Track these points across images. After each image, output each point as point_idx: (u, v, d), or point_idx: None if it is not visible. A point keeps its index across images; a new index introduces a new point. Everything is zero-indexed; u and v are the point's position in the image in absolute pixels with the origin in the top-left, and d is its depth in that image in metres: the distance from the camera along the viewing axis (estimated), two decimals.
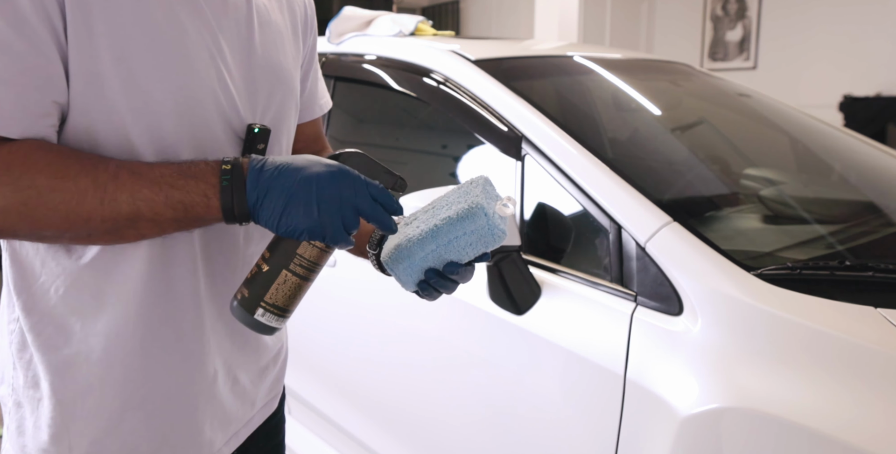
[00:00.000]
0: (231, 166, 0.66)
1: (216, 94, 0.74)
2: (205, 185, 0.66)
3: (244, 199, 0.66)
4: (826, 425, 0.87)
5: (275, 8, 0.85)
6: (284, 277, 0.68)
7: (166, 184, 0.65)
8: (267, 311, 0.69)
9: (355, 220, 0.67)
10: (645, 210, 1.16)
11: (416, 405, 1.46)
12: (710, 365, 0.99)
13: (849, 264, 1.10)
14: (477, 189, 0.74)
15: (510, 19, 7.49)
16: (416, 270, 0.75)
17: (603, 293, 1.15)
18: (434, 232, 0.72)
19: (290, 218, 0.65)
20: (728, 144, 1.78)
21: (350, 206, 0.66)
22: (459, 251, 0.73)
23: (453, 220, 0.71)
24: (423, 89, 1.62)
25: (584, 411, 1.13)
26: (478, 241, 0.72)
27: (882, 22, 5.34)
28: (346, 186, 0.66)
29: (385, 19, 1.96)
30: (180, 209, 0.65)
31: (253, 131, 0.78)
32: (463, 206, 0.71)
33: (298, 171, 0.66)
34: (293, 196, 0.65)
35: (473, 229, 0.71)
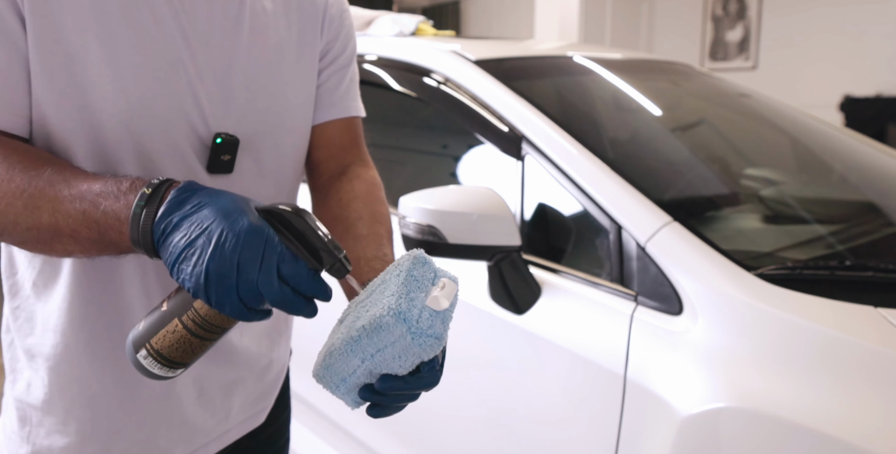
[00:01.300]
0: (153, 190, 0.57)
1: (181, 99, 0.70)
2: (120, 207, 0.57)
3: (150, 233, 0.55)
4: (826, 425, 0.87)
5: (279, 11, 0.81)
6: (175, 327, 0.57)
7: (87, 200, 0.58)
8: (150, 356, 0.58)
9: (254, 297, 0.54)
10: (645, 210, 1.16)
11: (416, 404, 1.46)
12: (711, 365, 0.99)
13: (849, 264, 1.10)
14: (397, 280, 0.57)
15: (510, 19, 7.49)
16: (349, 389, 0.60)
17: (603, 293, 1.15)
18: (351, 345, 0.57)
19: (181, 268, 0.54)
20: (728, 144, 1.78)
21: (246, 280, 0.53)
22: (389, 365, 0.57)
23: (368, 331, 0.56)
24: (424, 89, 1.62)
25: (584, 411, 1.13)
26: (405, 353, 0.56)
27: (882, 22, 5.34)
28: (249, 255, 0.53)
29: (385, 19, 1.96)
30: (95, 230, 0.58)
31: (215, 141, 0.73)
32: (375, 312, 0.56)
33: (213, 216, 0.54)
34: (191, 244, 0.53)
35: (393, 341, 0.55)
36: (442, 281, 0.57)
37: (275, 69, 0.80)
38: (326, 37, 0.88)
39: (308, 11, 0.85)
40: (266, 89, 0.78)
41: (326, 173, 0.91)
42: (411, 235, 1.15)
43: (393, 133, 1.95)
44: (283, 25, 0.81)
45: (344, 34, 0.90)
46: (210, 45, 0.73)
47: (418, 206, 1.13)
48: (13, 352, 0.80)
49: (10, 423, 0.80)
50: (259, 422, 0.95)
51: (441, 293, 0.56)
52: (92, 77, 0.65)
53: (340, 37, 0.90)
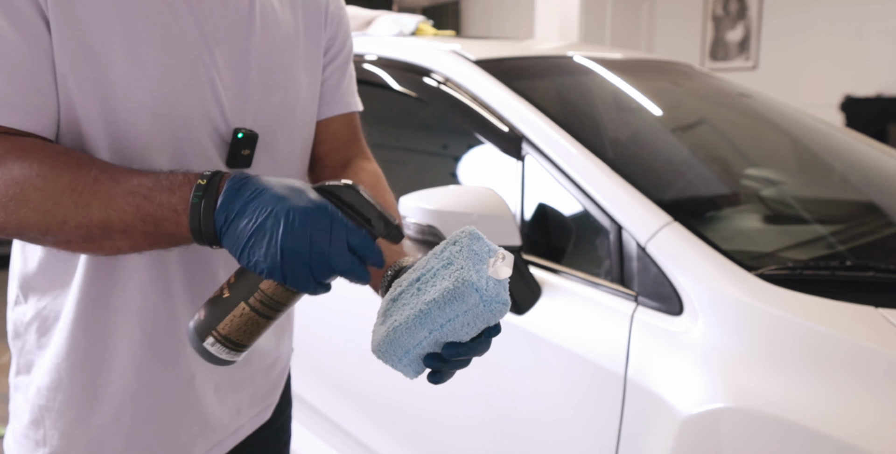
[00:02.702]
0: (207, 181, 0.59)
1: (202, 96, 0.71)
2: (177, 200, 0.59)
3: (211, 220, 0.58)
4: (826, 425, 0.87)
5: (285, 7, 0.82)
6: (242, 310, 0.61)
7: (140, 194, 0.60)
8: (218, 342, 0.62)
9: (326, 270, 0.57)
10: (645, 210, 1.16)
11: (416, 405, 1.46)
12: (711, 365, 0.99)
13: (849, 264, 1.10)
14: (461, 255, 0.61)
15: (511, 19, 7.49)
16: (412, 360, 0.63)
17: (603, 293, 1.15)
18: (420, 318, 0.60)
19: (252, 251, 0.57)
20: (729, 144, 1.78)
21: (319, 253, 0.56)
22: (457, 333, 0.60)
23: (440, 302, 0.59)
24: (424, 89, 1.62)
25: (584, 411, 1.13)
26: (476, 320, 0.59)
27: (883, 22, 5.33)
28: (319, 230, 0.56)
29: (385, 19, 1.96)
30: (150, 223, 0.60)
31: (237, 136, 0.74)
32: (448, 285, 0.59)
33: (275, 199, 0.57)
34: (260, 227, 0.56)
35: (466, 309, 0.58)
36: (500, 252, 0.62)
37: (286, 64, 0.81)
38: (328, 33, 0.89)
39: (311, 9, 0.86)
40: (279, 84, 0.80)
41: (330, 166, 0.93)
42: (411, 235, 1.15)
43: (393, 133, 1.94)
44: (291, 22, 0.82)
45: (343, 31, 0.92)
46: (225, 42, 0.74)
47: (418, 206, 1.13)
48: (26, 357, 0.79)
49: (21, 428, 0.79)
50: (266, 417, 0.96)
51: (501, 263, 0.60)
52: (118, 76, 0.66)
53: (340, 34, 0.91)
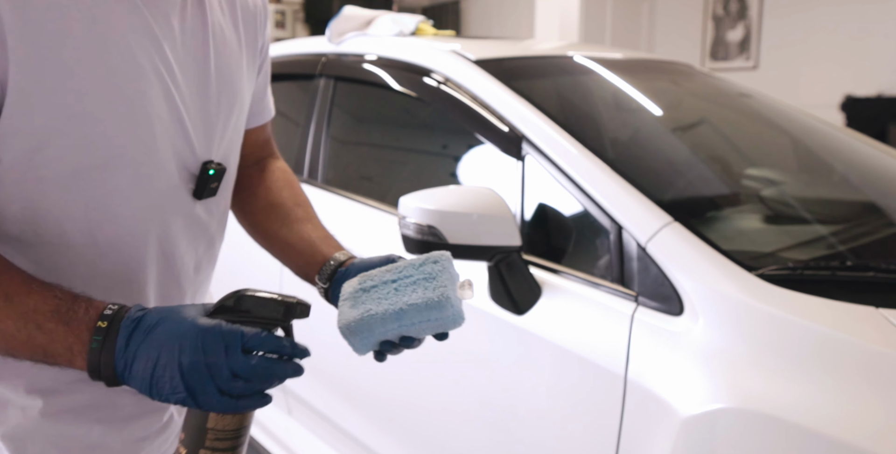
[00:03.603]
0: (108, 323, 0.60)
1: (173, 140, 0.73)
2: (73, 339, 0.59)
3: (111, 365, 0.59)
4: (827, 426, 0.87)
5: (229, 25, 0.81)
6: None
7: (33, 322, 0.59)
8: None
9: (232, 384, 0.59)
10: (646, 210, 1.16)
11: (415, 405, 1.46)
12: (711, 365, 0.99)
13: (850, 264, 1.10)
14: (444, 274, 0.73)
15: (511, 19, 7.48)
16: (372, 343, 0.75)
17: (603, 293, 1.15)
18: (399, 314, 0.71)
19: (159, 389, 0.59)
20: (729, 144, 1.78)
21: (222, 370, 0.59)
22: (420, 332, 0.74)
23: (420, 307, 0.71)
24: (424, 89, 1.62)
25: (584, 412, 1.12)
26: (440, 326, 0.73)
27: (884, 21, 5.33)
28: (211, 351, 0.59)
29: (385, 19, 1.96)
30: (40, 353, 0.60)
31: (208, 173, 0.77)
32: (431, 296, 0.71)
33: (164, 334, 0.59)
34: (157, 366, 0.59)
35: (438, 317, 0.71)
36: (466, 280, 0.74)
37: (237, 90, 0.82)
38: (263, 44, 0.90)
39: (249, 21, 0.85)
40: (232, 111, 0.81)
41: (244, 167, 0.96)
42: (411, 235, 1.15)
43: (393, 133, 1.94)
44: (236, 42, 0.82)
45: (267, 38, 0.91)
46: (189, 75, 0.74)
47: (418, 206, 1.13)
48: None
49: None
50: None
51: (468, 288, 0.74)
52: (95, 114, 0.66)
53: (266, 42, 0.91)
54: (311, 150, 1.86)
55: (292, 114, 2.11)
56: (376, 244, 1.55)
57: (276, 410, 1.97)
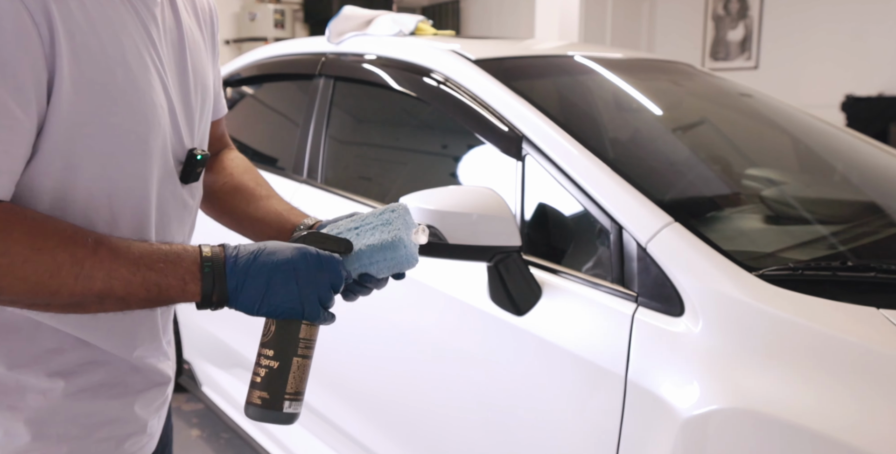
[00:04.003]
0: (212, 253, 0.72)
1: (167, 133, 0.80)
2: (184, 271, 0.70)
3: (224, 286, 0.71)
4: (827, 426, 0.87)
5: (194, 25, 0.89)
6: (297, 365, 0.75)
7: (144, 265, 0.68)
8: (293, 401, 0.75)
9: (331, 296, 0.74)
10: (646, 210, 1.15)
11: (415, 406, 1.45)
12: (712, 366, 0.99)
13: (851, 265, 1.10)
14: (399, 221, 0.84)
15: (511, 19, 7.48)
16: None
17: (604, 294, 1.15)
18: (358, 255, 0.83)
19: (271, 299, 0.71)
20: (730, 144, 1.78)
21: (326, 283, 0.74)
22: (377, 270, 0.84)
23: (376, 247, 0.82)
24: (424, 89, 1.61)
25: (584, 412, 1.12)
26: (395, 266, 0.84)
27: (884, 21, 5.32)
28: (321, 268, 0.73)
29: (385, 19, 1.95)
30: (154, 290, 0.69)
31: (196, 158, 0.85)
32: (386, 238, 0.82)
33: (274, 255, 0.72)
34: (273, 279, 0.71)
35: (392, 257, 0.82)
36: (421, 226, 0.86)
37: (207, 85, 0.91)
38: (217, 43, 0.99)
39: (207, 25, 0.94)
40: (205, 103, 0.90)
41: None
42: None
43: (393, 133, 1.94)
44: (202, 41, 0.91)
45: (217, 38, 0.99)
46: (174, 70, 0.82)
47: (418, 206, 1.12)
48: None
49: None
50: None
51: (421, 233, 0.85)
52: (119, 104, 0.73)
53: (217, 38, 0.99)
54: (311, 149, 1.86)
55: (292, 113, 2.11)
56: None
57: None
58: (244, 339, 2.01)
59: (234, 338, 2.08)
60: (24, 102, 0.66)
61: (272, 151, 2.20)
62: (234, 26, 6.89)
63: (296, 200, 1.82)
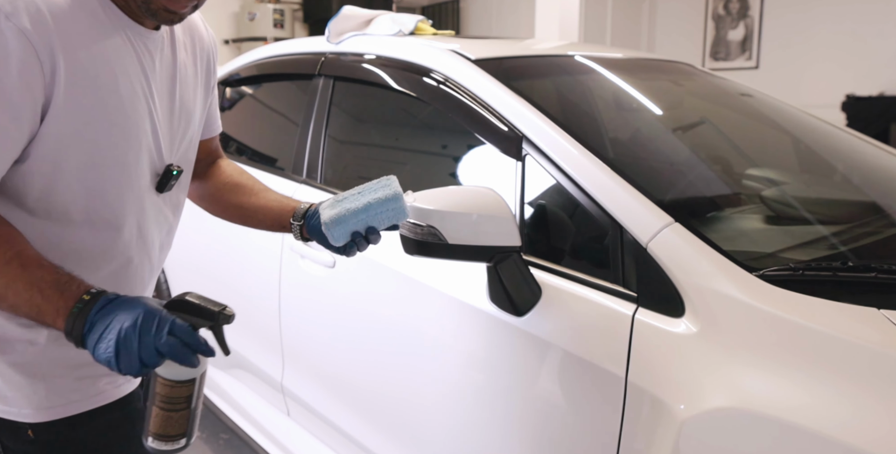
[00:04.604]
0: (91, 297, 0.81)
1: (150, 148, 0.96)
2: (62, 304, 0.80)
3: (81, 328, 0.79)
4: (828, 427, 0.87)
5: (190, 62, 1.05)
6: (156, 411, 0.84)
7: (37, 287, 0.80)
8: (154, 439, 0.85)
9: (154, 359, 0.79)
10: (646, 210, 1.15)
11: (414, 406, 1.45)
12: (712, 366, 0.99)
13: (851, 265, 1.09)
14: (394, 183, 1.04)
15: (510, 19, 7.48)
16: (347, 232, 1.03)
17: (604, 294, 1.15)
18: (366, 207, 1.01)
19: (99, 348, 0.78)
20: (730, 144, 1.78)
21: (148, 346, 0.78)
22: (380, 221, 1.02)
23: (381, 200, 1.01)
24: (423, 89, 1.61)
25: (584, 413, 1.12)
26: (393, 216, 1.02)
27: (885, 21, 5.32)
28: (147, 327, 0.78)
29: (385, 18, 1.95)
30: (34, 311, 0.81)
31: (171, 172, 1.01)
32: (389, 192, 1.02)
33: (116, 313, 0.79)
34: (106, 329, 0.79)
35: (394, 207, 1.01)
36: (409, 191, 1.09)
37: (191, 113, 1.07)
38: (214, 75, 1.15)
39: (204, 61, 1.10)
40: (189, 125, 1.07)
41: (203, 165, 1.24)
42: (410, 236, 1.14)
43: (392, 133, 1.94)
44: (193, 76, 1.07)
45: (216, 69, 1.16)
46: (163, 99, 0.99)
47: (418, 206, 1.12)
48: None
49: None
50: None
51: (410, 195, 1.08)
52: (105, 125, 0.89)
53: (216, 72, 1.16)
54: (311, 149, 1.85)
55: (291, 113, 2.11)
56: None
57: (275, 411, 1.97)
58: (243, 340, 2.01)
59: (233, 339, 2.07)
60: (19, 123, 0.82)
61: (272, 151, 2.20)
62: (234, 26, 6.88)
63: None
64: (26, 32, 0.80)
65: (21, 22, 0.80)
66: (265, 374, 1.93)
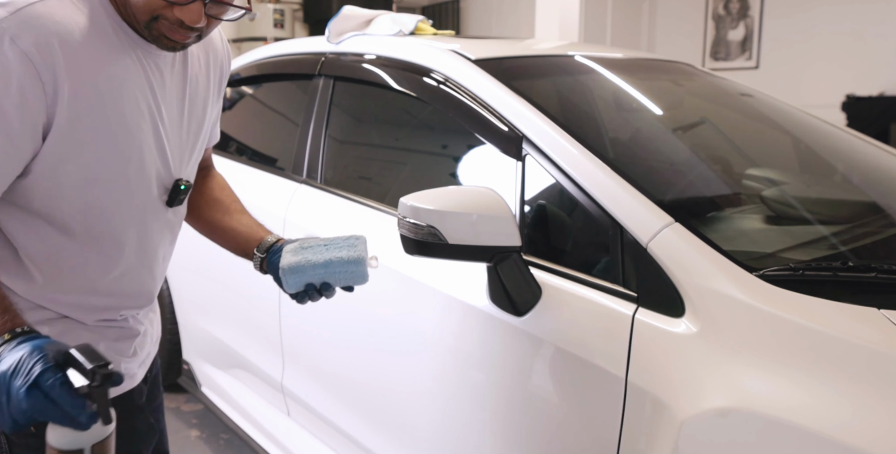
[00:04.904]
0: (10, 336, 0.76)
1: (156, 163, 0.98)
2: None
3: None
4: (828, 427, 0.87)
5: (203, 74, 1.06)
6: None
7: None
8: None
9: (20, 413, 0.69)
10: (646, 210, 1.15)
11: (414, 406, 1.45)
12: (712, 366, 0.98)
13: (851, 265, 1.09)
14: (361, 246, 1.06)
15: (511, 19, 7.48)
16: (301, 283, 1.04)
17: (604, 294, 1.15)
18: (327, 263, 1.03)
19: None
20: (730, 144, 1.77)
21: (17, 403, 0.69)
22: (336, 280, 1.04)
23: (344, 261, 1.03)
24: (423, 89, 1.61)
25: (585, 413, 1.12)
26: (352, 279, 1.05)
27: (885, 21, 5.32)
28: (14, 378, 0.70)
29: (385, 18, 1.95)
30: None
31: (180, 187, 1.02)
32: (353, 255, 1.04)
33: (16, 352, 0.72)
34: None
35: (353, 271, 1.03)
36: (374, 255, 1.08)
37: (201, 125, 1.08)
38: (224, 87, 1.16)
39: (217, 73, 1.11)
40: (197, 139, 1.08)
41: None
42: (410, 236, 1.14)
43: (392, 133, 1.94)
44: (205, 88, 1.08)
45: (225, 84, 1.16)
46: (171, 114, 1.00)
47: (418, 206, 1.12)
48: None
49: None
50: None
51: (374, 261, 1.07)
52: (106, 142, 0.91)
53: (224, 88, 1.17)
54: (311, 149, 1.85)
55: (291, 113, 2.11)
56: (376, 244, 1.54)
57: (275, 411, 1.97)
58: (244, 340, 2.01)
59: (233, 339, 2.07)
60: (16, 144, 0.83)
61: (272, 151, 2.20)
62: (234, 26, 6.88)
63: (295, 200, 1.81)
64: (30, 55, 0.81)
65: (25, 44, 0.81)
66: (265, 374, 1.92)
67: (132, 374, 1.10)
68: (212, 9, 0.90)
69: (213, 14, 0.91)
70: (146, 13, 0.88)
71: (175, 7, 0.87)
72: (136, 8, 0.89)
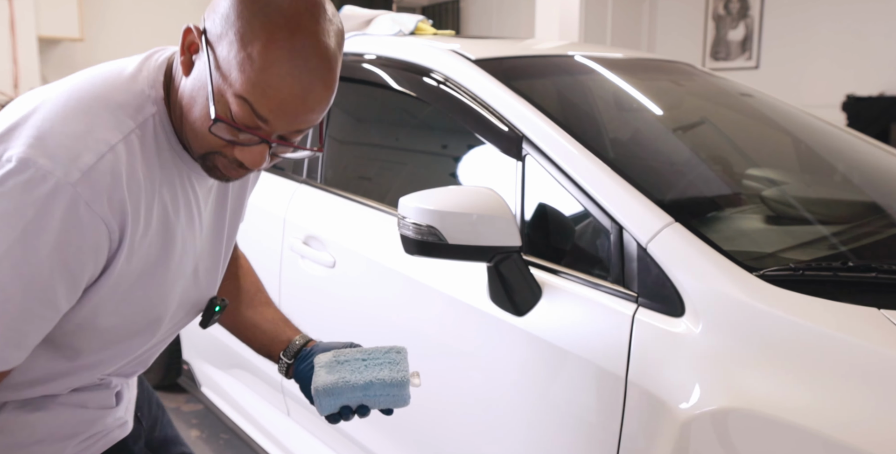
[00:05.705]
0: None
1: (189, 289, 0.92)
2: None
3: None
4: (828, 427, 0.87)
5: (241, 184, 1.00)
6: None
7: None
8: None
9: None
10: (646, 210, 1.15)
11: (414, 406, 1.45)
12: (712, 366, 0.98)
13: (852, 265, 1.09)
14: (404, 363, 0.95)
15: (511, 18, 7.48)
16: (336, 405, 0.94)
17: (604, 294, 1.15)
18: (367, 386, 0.92)
19: None
20: (730, 144, 1.78)
21: None
22: (376, 403, 0.94)
23: (386, 384, 0.92)
24: (424, 89, 1.61)
25: (585, 413, 1.12)
26: (393, 403, 0.94)
27: (885, 21, 5.32)
28: None
29: (385, 18, 1.95)
30: None
31: (214, 309, 0.98)
32: (395, 376, 0.93)
33: None
34: None
35: (395, 394, 0.93)
36: (415, 371, 0.96)
37: (233, 232, 1.02)
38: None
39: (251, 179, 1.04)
40: (229, 253, 1.01)
41: None
42: (411, 236, 1.14)
43: (393, 133, 1.94)
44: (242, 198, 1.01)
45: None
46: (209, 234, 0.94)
47: (418, 206, 1.12)
48: None
49: None
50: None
51: (417, 377, 0.95)
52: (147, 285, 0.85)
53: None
54: None
55: None
56: (376, 244, 1.54)
57: (275, 411, 1.97)
58: None
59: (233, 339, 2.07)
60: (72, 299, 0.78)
61: None
62: None
63: (295, 200, 1.81)
64: (105, 219, 0.75)
65: (102, 209, 0.74)
66: (265, 374, 1.93)
67: (122, 423, 1.01)
68: (278, 149, 0.81)
69: (278, 153, 0.82)
70: (203, 148, 0.80)
71: (236, 147, 0.78)
72: (193, 138, 0.80)
